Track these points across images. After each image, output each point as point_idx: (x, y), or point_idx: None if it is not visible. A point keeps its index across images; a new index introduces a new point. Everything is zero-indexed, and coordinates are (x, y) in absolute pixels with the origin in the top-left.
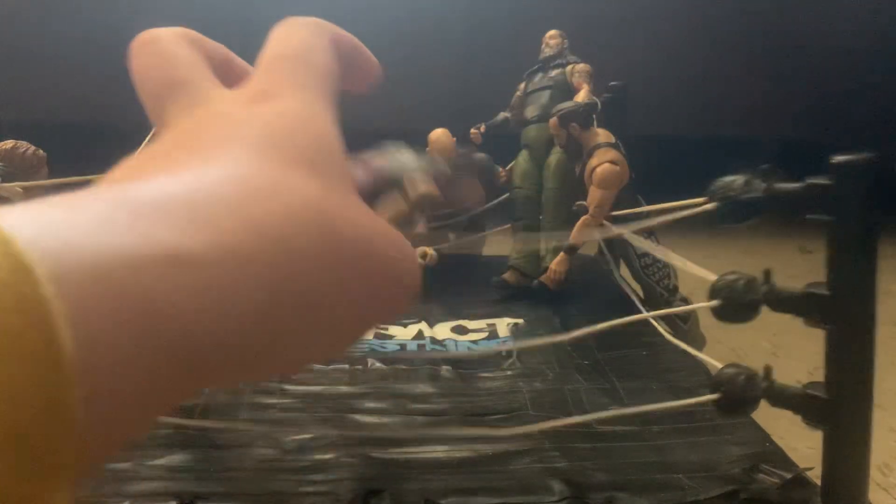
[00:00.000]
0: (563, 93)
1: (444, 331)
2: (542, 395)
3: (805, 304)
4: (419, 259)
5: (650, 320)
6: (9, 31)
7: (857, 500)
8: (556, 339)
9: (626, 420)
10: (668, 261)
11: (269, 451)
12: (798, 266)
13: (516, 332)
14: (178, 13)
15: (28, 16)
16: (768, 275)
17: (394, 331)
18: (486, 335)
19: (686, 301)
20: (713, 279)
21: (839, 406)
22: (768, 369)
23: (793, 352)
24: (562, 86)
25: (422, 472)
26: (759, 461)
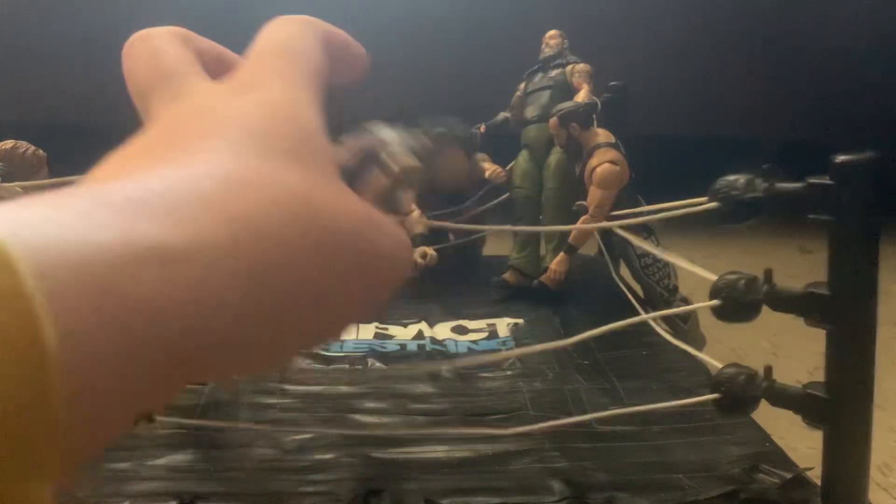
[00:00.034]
0: (563, 93)
1: (444, 331)
2: (542, 395)
3: (805, 304)
4: (419, 259)
5: (650, 321)
6: (9, 31)
7: (857, 500)
8: (558, 344)
9: (626, 420)
10: (669, 260)
11: (269, 451)
12: (798, 266)
13: (516, 333)
14: (178, 13)
15: (28, 16)
16: (769, 274)
17: (394, 331)
18: (486, 335)
19: (686, 301)
20: (713, 279)
21: (839, 406)
22: (768, 369)
23: (793, 352)
24: (562, 86)
25: (422, 472)
26: (759, 461)
